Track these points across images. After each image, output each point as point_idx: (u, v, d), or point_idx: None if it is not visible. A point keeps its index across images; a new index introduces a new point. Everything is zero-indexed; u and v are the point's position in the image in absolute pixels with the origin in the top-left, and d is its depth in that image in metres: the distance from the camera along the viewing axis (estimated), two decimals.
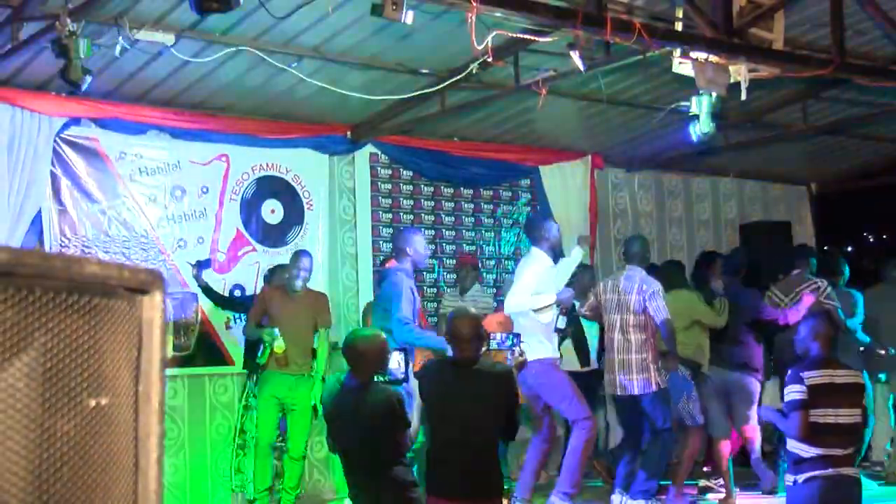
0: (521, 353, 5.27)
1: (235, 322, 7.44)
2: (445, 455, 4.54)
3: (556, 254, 7.01)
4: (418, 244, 6.25)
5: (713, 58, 5.74)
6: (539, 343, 6.48)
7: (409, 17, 4.87)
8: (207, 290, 7.22)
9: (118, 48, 5.61)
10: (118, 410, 1.31)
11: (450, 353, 4.74)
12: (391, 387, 4.77)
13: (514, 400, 4.58)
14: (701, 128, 6.39)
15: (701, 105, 6.37)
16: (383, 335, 4.84)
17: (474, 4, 4.75)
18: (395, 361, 4.91)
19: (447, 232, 8.75)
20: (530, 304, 6.53)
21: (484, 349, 4.79)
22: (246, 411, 7.12)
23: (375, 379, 4.72)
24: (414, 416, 4.93)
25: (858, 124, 9.22)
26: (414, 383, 5.30)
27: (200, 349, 7.33)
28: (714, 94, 6.14)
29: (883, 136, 9.68)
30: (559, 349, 6.98)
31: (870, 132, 9.57)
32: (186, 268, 7.25)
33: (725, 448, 7.16)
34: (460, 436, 4.48)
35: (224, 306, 7.38)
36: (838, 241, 10.70)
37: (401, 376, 4.97)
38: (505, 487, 5.10)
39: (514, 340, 5.21)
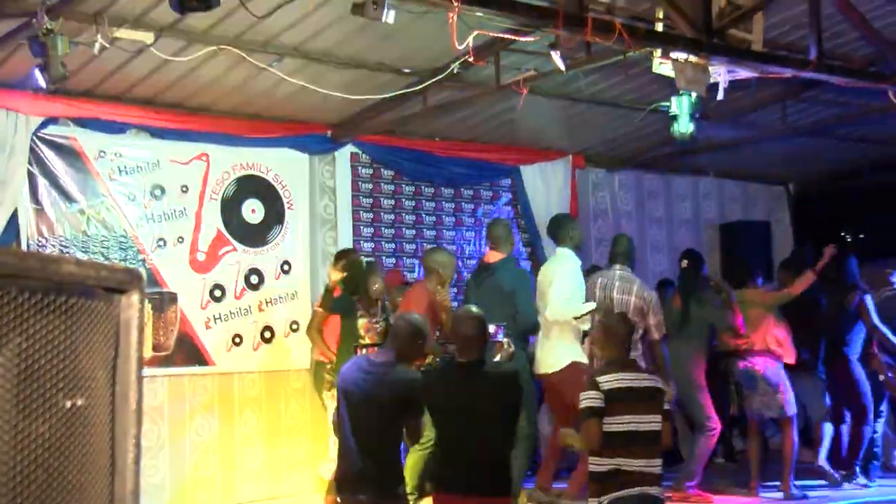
0: (509, 345, 5.34)
1: (216, 322, 7.41)
2: (456, 454, 4.59)
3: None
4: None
5: (693, 58, 5.76)
6: (568, 347, 6.50)
7: (390, 16, 4.87)
8: None
9: (97, 46, 5.56)
10: (95, 411, 1.30)
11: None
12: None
13: (520, 398, 4.70)
14: (681, 128, 6.42)
15: (681, 105, 6.40)
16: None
17: (456, 4, 4.74)
18: None
19: (428, 231, 8.73)
20: (573, 311, 6.48)
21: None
22: None
23: None
24: None
25: (837, 125, 9.27)
26: None
27: (180, 349, 7.29)
28: (694, 95, 6.17)
29: (861, 137, 9.74)
30: None
31: (848, 133, 9.62)
32: (165, 267, 7.20)
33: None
34: (471, 435, 4.52)
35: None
36: (816, 242, 10.71)
37: None
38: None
39: (502, 333, 5.30)
